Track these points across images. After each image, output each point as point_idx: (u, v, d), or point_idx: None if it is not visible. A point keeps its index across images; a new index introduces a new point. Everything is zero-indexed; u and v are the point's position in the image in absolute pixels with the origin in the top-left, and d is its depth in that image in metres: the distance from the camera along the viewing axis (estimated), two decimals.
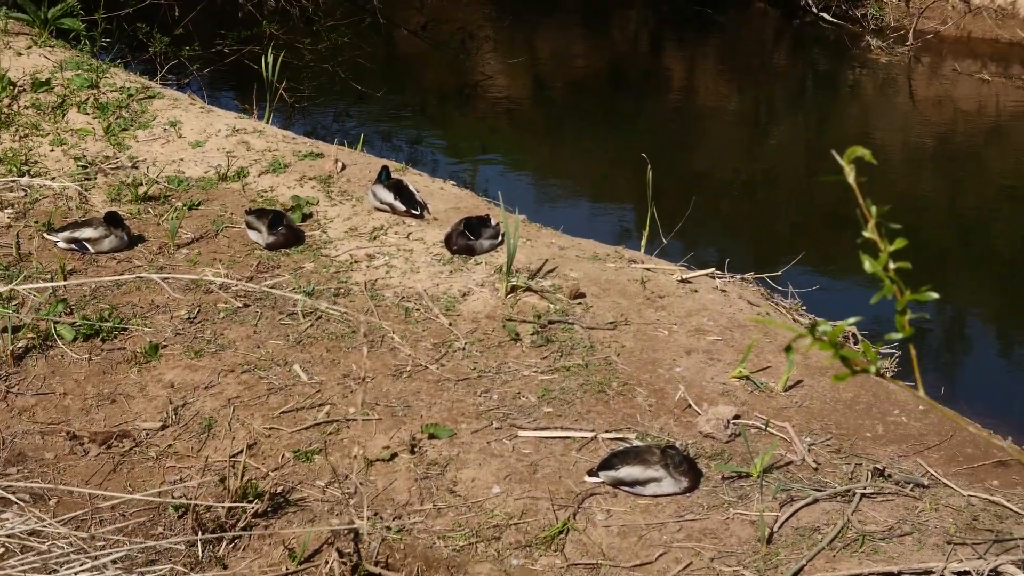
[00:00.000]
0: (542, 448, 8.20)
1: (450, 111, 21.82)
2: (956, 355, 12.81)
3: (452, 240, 10.87)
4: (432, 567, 7.05)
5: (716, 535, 7.33)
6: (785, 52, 26.72)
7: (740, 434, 8.35)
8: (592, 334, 9.64)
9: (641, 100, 22.64)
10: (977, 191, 18.60)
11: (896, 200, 17.16)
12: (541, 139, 21.08)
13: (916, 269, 9.74)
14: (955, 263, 15.61)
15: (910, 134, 21.37)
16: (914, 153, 20.37)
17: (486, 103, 22.33)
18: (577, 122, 21.62)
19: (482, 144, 20.15)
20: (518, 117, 22.04)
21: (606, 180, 18.49)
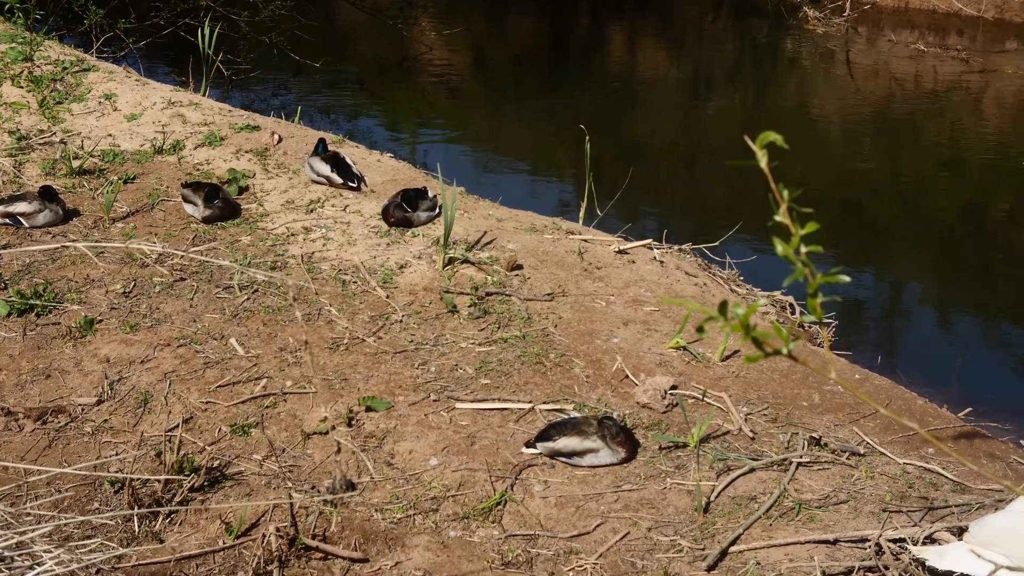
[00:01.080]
0: (479, 420, 8.20)
1: (389, 83, 21.74)
2: (894, 325, 12.87)
3: (389, 212, 10.84)
4: (370, 540, 7.03)
5: (653, 505, 7.34)
6: (724, 23, 26.79)
7: (677, 404, 8.37)
8: (529, 305, 9.64)
9: (581, 72, 22.64)
10: (914, 162, 18.69)
11: (834, 171, 17.32)
12: (480, 111, 21.04)
13: (855, 240, 9.86)
14: (893, 233, 15.67)
15: (847, 105, 21.44)
16: (852, 124, 20.44)
17: (425, 75, 22.27)
18: (516, 94, 21.61)
19: (421, 116, 20.10)
20: (457, 89, 21.98)
21: (545, 152, 18.47)
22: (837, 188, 17.19)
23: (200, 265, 10.09)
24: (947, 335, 12.62)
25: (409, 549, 6.96)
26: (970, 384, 10.61)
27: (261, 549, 6.77)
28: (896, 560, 6.55)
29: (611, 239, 11.18)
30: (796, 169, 17.41)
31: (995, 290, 13.91)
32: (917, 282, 14.09)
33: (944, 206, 16.62)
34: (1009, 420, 9.33)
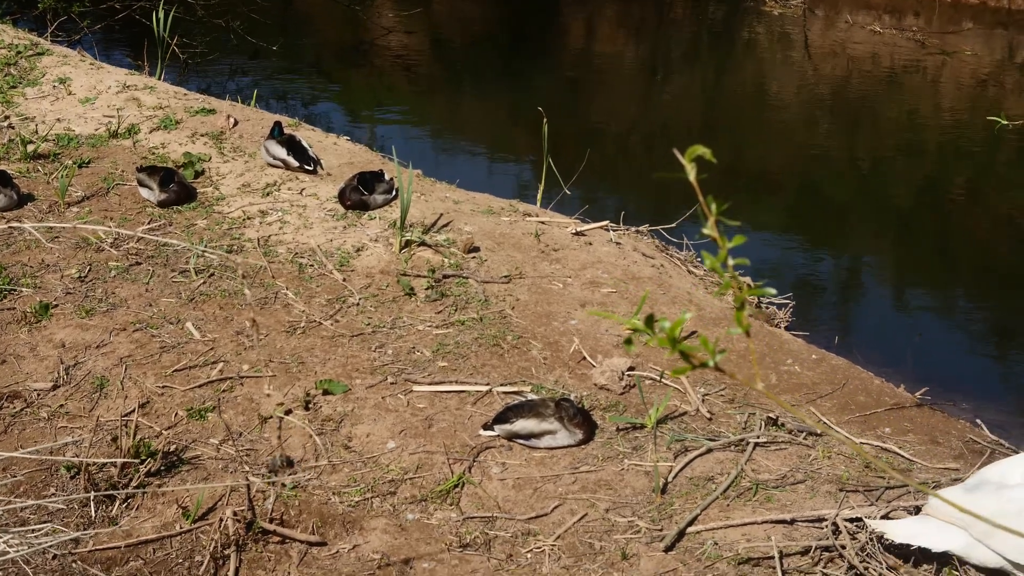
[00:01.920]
0: (437, 402, 8.19)
1: (346, 66, 21.70)
2: (851, 305, 12.90)
3: (346, 195, 10.82)
4: (327, 523, 7.02)
5: (611, 486, 7.34)
6: (681, 5, 26.80)
7: (635, 385, 8.37)
8: (487, 288, 9.63)
9: (539, 55, 22.62)
10: (872, 143, 18.74)
11: (792, 152, 17.36)
12: (438, 94, 21.01)
13: (813, 220, 9.89)
14: (851, 214, 15.72)
15: (805, 86, 21.50)
16: (809, 105, 20.48)
17: (382, 58, 22.22)
18: (475, 77, 21.59)
19: (378, 99, 20.05)
20: (415, 72, 21.94)
21: (503, 135, 18.47)
22: (795, 169, 17.24)
23: (156, 249, 10.04)
24: (904, 315, 12.67)
25: (367, 532, 6.94)
26: (927, 363, 10.67)
27: (218, 533, 6.75)
28: (853, 539, 6.57)
29: (568, 221, 11.19)
30: (754, 151, 17.48)
31: (952, 270, 13.97)
32: (875, 262, 14.13)
33: (901, 187, 16.67)
34: (965, 398, 9.40)
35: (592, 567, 6.64)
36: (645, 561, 6.64)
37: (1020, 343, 12.10)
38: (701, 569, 6.55)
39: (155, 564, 6.69)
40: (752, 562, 6.59)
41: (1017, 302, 13.03)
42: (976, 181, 17.13)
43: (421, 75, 21.85)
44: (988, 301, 13.13)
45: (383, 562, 6.70)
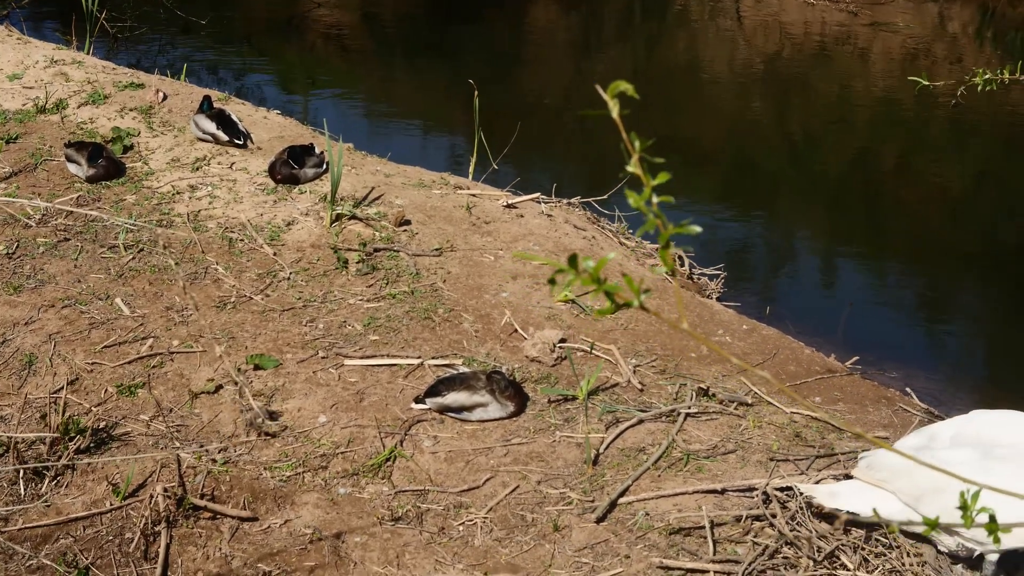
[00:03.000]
0: (368, 376, 8.17)
1: (278, 41, 21.56)
2: (783, 276, 12.95)
3: (276, 169, 10.77)
4: (259, 498, 6.99)
5: (543, 458, 7.35)
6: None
7: (566, 357, 8.38)
8: (418, 261, 9.62)
9: (472, 28, 22.55)
10: (804, 114, 18.81)
11: (724, 124, 17.39)
12: (371, 68, 20.91)
13: (745, 192, 9.93)
14: (783, 186, 15.77)
15: (737, 58, 21.53)
16: (742, 78, 20.52)
17: (314, 33, 22.10)
18: (408, 51, 21.50)
19: (310, 74, 19.94)
20: (347, 46, 21.84)
21: (436, 108, 18.42)
22: (728, 142, 17.28)
23: (85, 225, 9.96)
24: (836, 285, 12.73)
25: (299, 507, 6.92)
26: (858, 333, 10.72)
27: (149, 510, 6.70)
28: (783, 508, 6.60)
29: (500, 194, 11.18)
30: (687, 124, 17.50)
31: (883, 240, 14.04)
32: (806, 233, 14.18)
33: (833, 158, 16.74)
34: (896, 367, 9.46)
35: (524, 539, 6.65)
36: (577, 532, 6.66)
37: (950, 312, 12.19)
38: (633, 539, 6.57)
39: (85, 541, 6.64)
40: (683, 532, 6.62)
41: (947, 272, 13.12)
42: (907, 152, 17.23)
43: (353, 49, 21.75)
44: (919, 271, 13.20)
45: (315, 536, 6.68)
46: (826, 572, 6.08)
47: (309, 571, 6.44)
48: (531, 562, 6.47)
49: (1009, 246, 13.85)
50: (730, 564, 6.28)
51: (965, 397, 9.68)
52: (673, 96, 19.54)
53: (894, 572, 6.14)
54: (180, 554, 6.55)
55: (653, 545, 6.52)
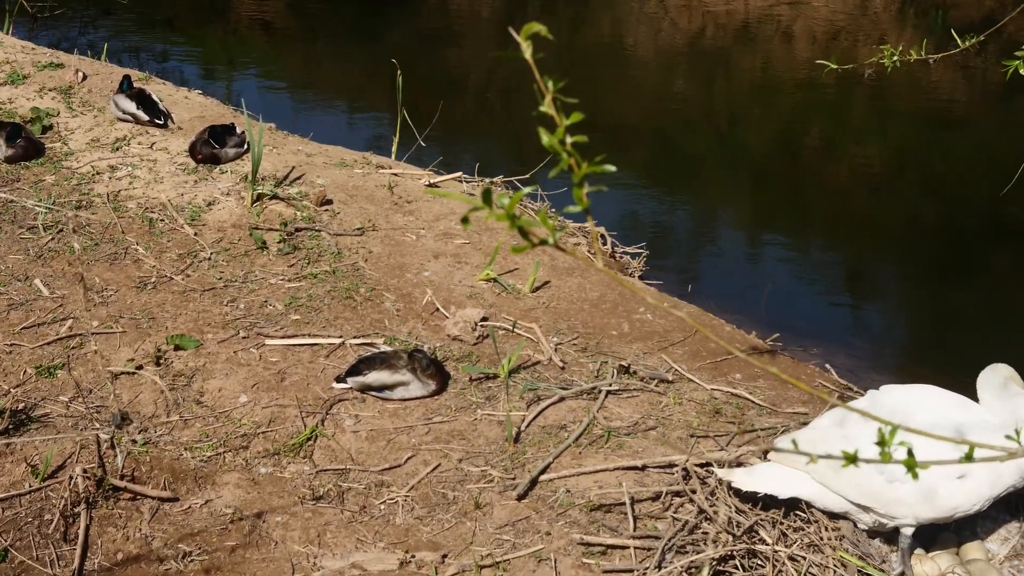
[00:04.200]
0: (289, 356, 8.15)
1: (200, 22, 21.42)
2: (706, 254, 13.01)
3: (197, 149, 10.72)
4: (179, 478, 6.96)
5: (464, 436, 7.36)
6: None
7: (488, 336, 8.40)
8: (339, 240, 9.60)
9: (395, 9, 22.50)
10: (727, 94, 18.89)
11: (649, 104, 17.43)
12: (294, 48, 20.84)
13: (668, 171, 9.97)
14: (706, 165, 15.84)
15: (661, 38, 21.59)
16: (665, 57, 20.58)
17: (237, 13, 21.99)
18: (331, 30, 21.42)
19: (232, 54, 19.85)
20: (271, 27, 21.75)
21: (361, 88, 18.37)
22: (651, 121, 17.32)
23: (3, 206, 9.88)
24: (758, 263, 12.79)
25: (219, 487, 6.91)
26: (779, 310, 10.79)
27: (68, 491, 6.67)
28: (703, 484, 6.64)
29: (421, 173, 11.18)
30: (611, 104, 17.50)
31: (805, 218, 14.13)
32: (729, 212, 14.25)
33: (755, 137, 16.83)
34: (816, 344, 9.53)
35: (445, 517, 6.66)
36: (498, 510, 6.68)
37: (870, 289, 12.29)
38: (554, 516, 6.60)
39: (3, 523, 6.59)
40: (604, 508, 6.65)
41: (868, 250, 13.22)
42: (829, 132, 17.33)
43: (277, 29, 21.66)
44: (840, 249, 13.29)
45: (235, 516, 6.67)
46: (745, 547, 6.12)
47: (230, 551, 6.43)
48: (452, 540, 6.48)
49: (928, 224, 13.98)
50: (650, 540, 6.32)
51: (884, 372, 9.76)
52: (597, 76, 19.56)
53: (812, 546, 6.19)
54: (100, 535, 6.52)
55: (574, 522, 6.55)
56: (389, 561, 6.30)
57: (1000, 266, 12.69)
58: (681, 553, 6.15)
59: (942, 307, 11.81)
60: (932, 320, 11.69)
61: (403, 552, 6.34)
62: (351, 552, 6.39)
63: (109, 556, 6.37)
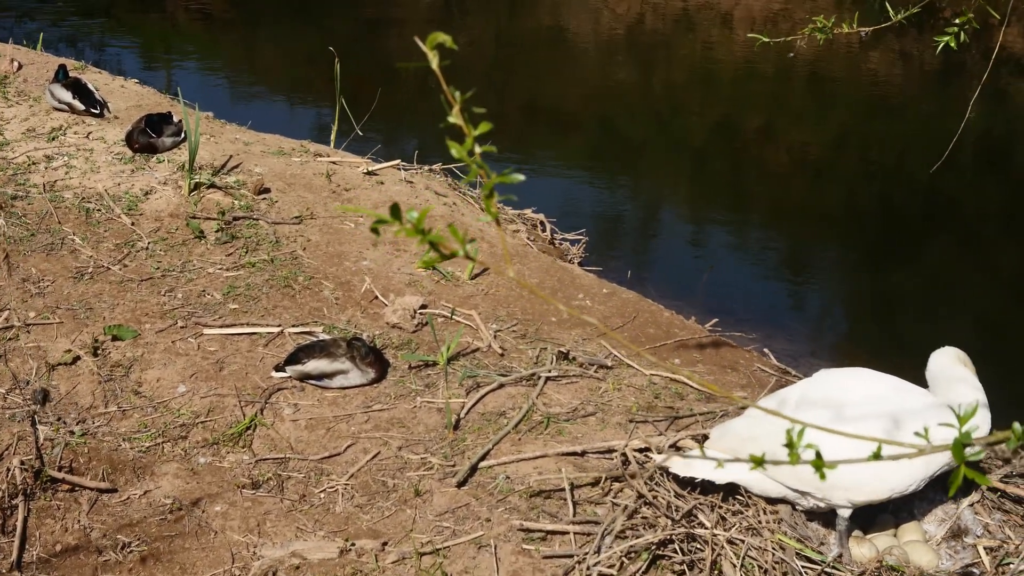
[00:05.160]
0: (228, 345, 8.13)
1: (138, 10, 21.34)
2: (646, 240, 13.06)
3: (133, 138, 10.66)
4: (118, 469, 6.93)
5: (404, 424, 7.36)
6: None
7: (427, 323, 8.39)
8: (278, 229, 9.58)
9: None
10: (667, 79, 18.95)
11: (589, 90, 17.45)
12: (233, 37, 20.79)
13: (609, 157, 9.98)
14: (647, 150, 15.90)
15: (600, 24, 21.62)
16: (605, 43, 20.63)
17: (175, 2, 21.90)
18: (271, 19, 21.38)
19: (171, 43, 19.77)
20: (209, 16, 21.68)
21: (300, 76, 18.35)
22: (591, 107, 17.36)
23: None
24: (697, 249, 12.85)
25: (158, 477, 6.87)
26: (718, 296, 10.86)
27: (5, 483, 6.63)
28: (642, 469, 6.65)
29: (360, 161, 11.16)
30: (550, 89, 17.53)
31: (744, 203, 14.20)
32: (669, 198, 14.31)
33: (696, 123, 16.90)
34: (754, 329, 9.57)
35: (385, 504, 6.66)
36: (438, 497, 6.67)
37: (809, 274, 12.36)
38: (494, 503, 6.60)
39: None
40: (544, 494, 6.65)
41: (807, 234, 13.30)
42: (768, 117, 17.42)
43: (216, 18, 21.60)
44: (779, 233, 13.37)
45: (175, 506, 6.64)
46: (684, 531, 6.14)
47: (169, 541, 6.40)
48: (392, 527, 6.48)
49: (867, 207, 14.08)
50: (590, 525, 6.33)
51: (823, 356, 9.84)
52: (536, 62, 19.60)
53: (751, 529, 6.21)
54: (38, 527, 6.48)
55: (514, 508, 6.55)
56: (329, 549, 6.29)
57: (937, 248, 12.80)
58: (621, 538, 6.16)
59: (881, 290, 11.90)
60: (871, 303, 11.78)
61: (343, 540, 6.33)
62: (291, 541, 6.38)
63: (47, 547, 6.33)
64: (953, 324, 11.07)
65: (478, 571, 6.06)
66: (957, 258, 12.63)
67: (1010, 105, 18.65)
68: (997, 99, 18.41)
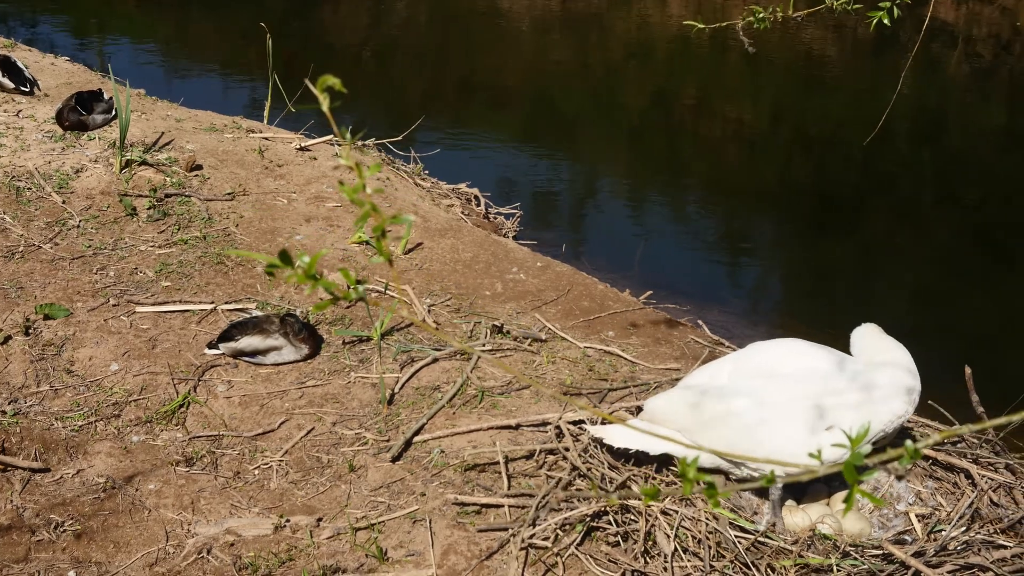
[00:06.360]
0: (161, 323, 8.09)
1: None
2: (581, 215, 13.06)
3: (64, 116, 10.59)
4: (50, 449, 6.89)
5: (338, 399, 7.35)
6: None
7: (361, 299, 8.35)
8: (210, 206, 9.53)
9: None
10: (603, 56, 18.96)
11: (525, 66, 17.43)
12: (167, 14, 20.68)
13: (545, 132, 9.97)
14: (583, 125, 15.91)
15: (536, 1, 21.59)
16: (540, 19, 20.60)
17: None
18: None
19: (103, 20, 19.62)
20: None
21: (233, 53, 18.26)
22: (527, 82, 17.36)
23: None
24: (633, 223, 12.87)
25: (91, 456, 6.84)
26: (653, 269, 10.88)
27: None
28: (576, 441, 6.66)
29: (292, 136, 11.13)
30: (485, 64, 17.51)
31: (680, 177, 14.24)
32: (605, 172, 14.33)
33: (632, 99, 16.91)
34: (688, 301, 9.60)
35: (320, 480, 6.65)
36: (373, 472, 6.67)
37: (744, 246, 12.41)
38: (428, 477, 6.60)
39: None
40: (478, 468, 6.66)
41: (742, 207, 13.35)
42: (703, 91, 17.46)
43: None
44: (714, 207, 13.41)
45: (108, 485, 6.60)
46: (618, 503, 6.16)
47: (103, 519, 6.37)
48: (327, 503, 6.47)
49: (801, 181, 14.15)
50: (524, 498, 6.33)
51: (757, 328, 9.88)
52: (472, 38, 19.56)
53: (684, 500, 6.24)
54: None
55: (448, 482, 6.55)
56: (264, 526, 6.28)
57: (871, 220, 12.87)
58: (555, 510, 6.17)
59: (814, 262, 11.97)
60: (805, 275, 11.84)
61: (278, 516, 6.31)
62: (225, 518, 6.36)
63: None
64: (886, 295, 11.15)
65: (413, 545, 6.06)
66: (890, 230, 12.71)
67: (943, 77, 18.78)
68: (930, 72, 18.54)
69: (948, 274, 11.74)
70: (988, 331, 10.42)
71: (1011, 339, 10.19)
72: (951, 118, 17.21)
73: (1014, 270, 11.89)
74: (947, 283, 11.54)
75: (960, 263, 12.01)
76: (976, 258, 12.19)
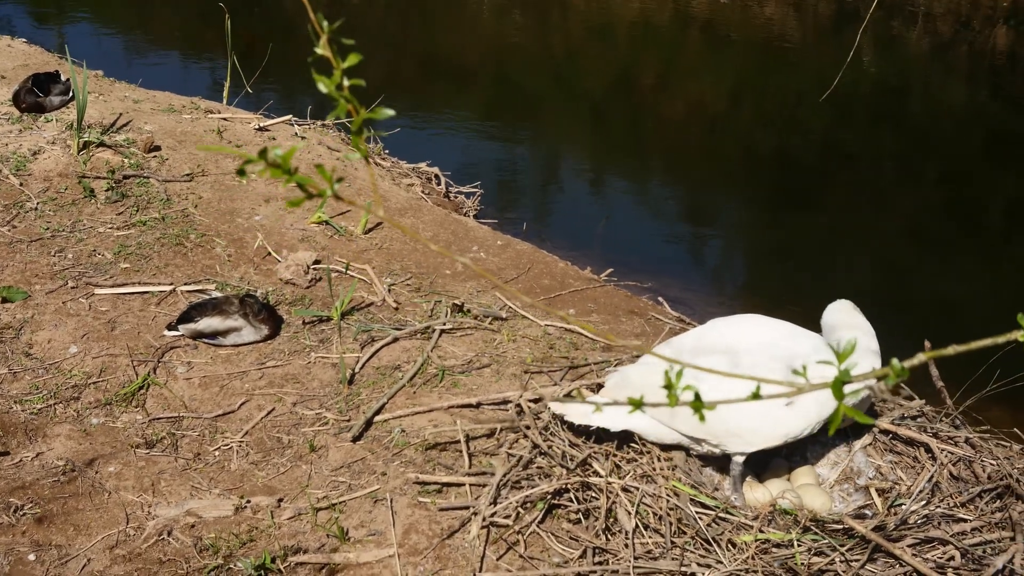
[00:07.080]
0: (120, 305, 8.06)
1: None
2: (542, 193, 13.06)
3: (20, 98, 10.54)
4: (9, 432, 6.85)
5: (298, 380, 7.33)
6: None
7: (321, 279, 8.37)
8: (168, 187, 9.50)
9: None
10: (564, 33, 18.95)
11: (486, 45, 17.41)
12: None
13: (505, 110, 9.98)
14: (545, 103, 15.90)
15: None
16: (501, 0, 20.57)
17: None
18: None
19: (59, 2, 19.51)
20: None
21: (192, 33, 18.20)
22: (488, 61, 17.34)
23: None
24: (594, 200, 12.88)
25: (51, 439, 6.81)
26: (614, 246, 10.89)
27: None
28: (537, 419, 6.66)
29: (251, 117, 11.10)
30: (447, 42, 17.48)
31: (641, 155, 14.25)
32: (566, 150, 14.33)
33: (593, 75, 16.91)
34: (650, 278, 9.60)
35: (281, 461, 6.64)
36: (334, 452, 6.66)
37: (705, 223, 12.43)
38: (389, 456, 6.60)
39: None
40: (439, 447, 6.65)
41: (704, 184, 13.37)
42: (664, 68, 17.48)
43: None
44: (676, 184, 13.43)
45: (68, 468, 6.58)
46: (579, 480, 6.16)
47: (63, 502, 6.35)
48: (288, 483, 6.46)
49: (763, 157, 14.17)
50: (485, 476, 6.34)
51: (718, 304, 9.90)
52: (433, 17, 19.52)
53: (645, 476, 6.24)
54: None
55: (409, 461, 6.55)
56: (224, 507, 6.27)
57: (832, 196, 12.91)
58: (516, 488, 6.18)
59: (776, 238, 11.99)
60: (766, 251, 11.87)
61: (238, 498, 6.30)
62: (186, 500, 6.35)
63: None
64: (848, 270, 11.19)
65: (374, 524, 6.05)
66: (852, 205, 12.74)
67: (903, 54, 18.84)
68: (891, 48, 18.59)
69: (909, 248, 11.79)
70: (949, 304, 10.47)
71: (972, 312, 10.24)
72: (912, 94, 17.27)
73: (975, 244, 11.94)
74: (908, 257, 11.58)
75: (921, 237, 12.06)
76: (937, 232, 12.24)
